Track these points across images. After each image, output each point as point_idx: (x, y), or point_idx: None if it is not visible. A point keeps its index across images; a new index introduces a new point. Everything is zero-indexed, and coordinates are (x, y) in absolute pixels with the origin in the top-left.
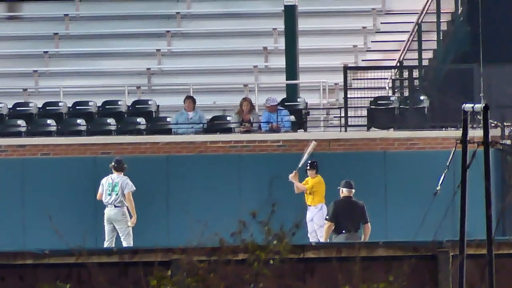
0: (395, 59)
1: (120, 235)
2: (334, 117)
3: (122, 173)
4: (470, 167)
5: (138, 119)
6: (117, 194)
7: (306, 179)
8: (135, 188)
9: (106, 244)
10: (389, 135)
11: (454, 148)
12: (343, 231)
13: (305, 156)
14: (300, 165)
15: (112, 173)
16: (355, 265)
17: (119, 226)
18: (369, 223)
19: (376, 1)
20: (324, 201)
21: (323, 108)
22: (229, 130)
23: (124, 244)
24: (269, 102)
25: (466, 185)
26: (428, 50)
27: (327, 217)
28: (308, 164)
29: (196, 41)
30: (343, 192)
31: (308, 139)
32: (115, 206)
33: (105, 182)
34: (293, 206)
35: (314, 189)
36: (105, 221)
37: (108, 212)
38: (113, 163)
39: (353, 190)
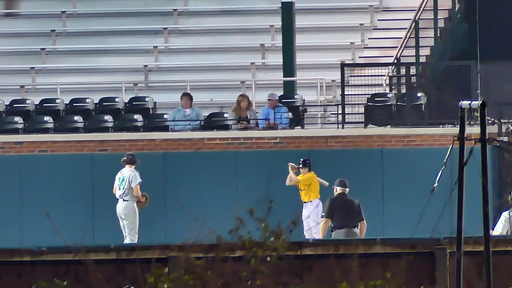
0: (393, 56)
1: (126, 229)
2: (331, 114)
3: (133, 167)
4: (467, 164)
5: (135, 116)
6: (123, 188)
7: (298, 176)
8: (141, 180)
9: (125, 240)
10: (387, 132)
11: (451, 145)
12: (342, 227)
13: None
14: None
15: (124, 167)
16: (353, 262)
17: (126, 220)
18: (364, 221)
19: None
20: (319, 196)
21: (320, 105)
22: (226, 127)
23: (127, 240)
24: (274, 96)
25: (463, 182)
26: (425, 47)
27: (323, 214)
28: (301, 162)
29: (193, 38)
30: (337, 190)
31: (305, 136)
32: (124, 200)
33: (117, 176)
34: (290, 203)
35: (307, 182)
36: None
37: (118, 206)
38: (124, 157)
39: (347, 189)
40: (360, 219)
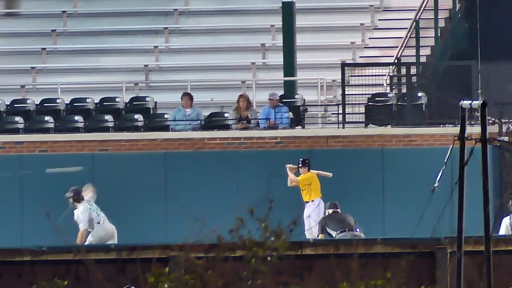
0: (393, 56)
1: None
2: (332, 113)
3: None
4: (468, 164)
5: (136, 116)
6: (101, 215)
7: (298, 177)
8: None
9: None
10: (387, 132)
11: (452, 145)
12: (343, 230)
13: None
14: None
15: (77, 203)
16: (353, 262)
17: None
18: (362, 234)
19: None
20: (320, 195)
21: (321, 105)
22: (226, 127)
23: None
24: (275, 96)
25: (464, 182)
26: (426, 47)
27: (318, 232)
28: (300, 162)
29: (194, 37)
30: (329, 212)
31: (305, 136)
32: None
33: (87, 207)
34: (291, 203)
35: (307, 182)
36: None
37: (107, 228)
38: (71, 194)
39: (339, 210)
40: (356, 228)
